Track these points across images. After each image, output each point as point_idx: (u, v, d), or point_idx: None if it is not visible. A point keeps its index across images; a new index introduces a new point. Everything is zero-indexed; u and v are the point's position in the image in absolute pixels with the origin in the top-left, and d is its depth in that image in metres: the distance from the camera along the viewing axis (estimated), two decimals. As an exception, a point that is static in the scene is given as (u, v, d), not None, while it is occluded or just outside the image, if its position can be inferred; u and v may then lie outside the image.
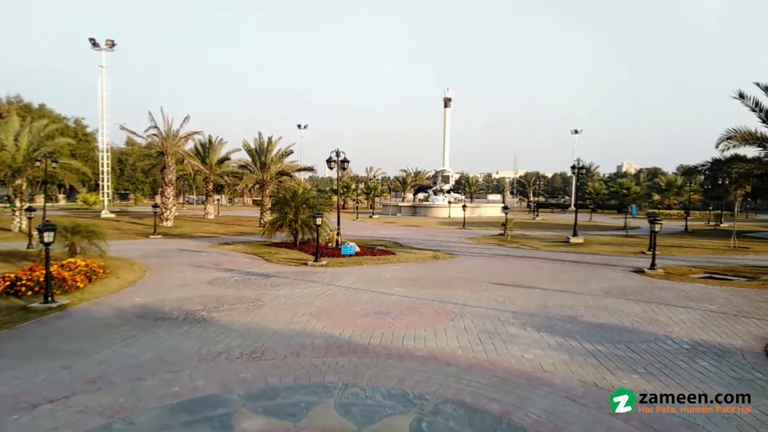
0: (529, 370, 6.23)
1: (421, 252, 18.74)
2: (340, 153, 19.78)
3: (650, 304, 10.08)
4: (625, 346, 7.25)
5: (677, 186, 62.48)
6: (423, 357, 6.73)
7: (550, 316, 9.07)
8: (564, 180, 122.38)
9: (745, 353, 7.00)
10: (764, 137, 13.40)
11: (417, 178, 76.77)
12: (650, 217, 15.68)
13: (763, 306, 10.04)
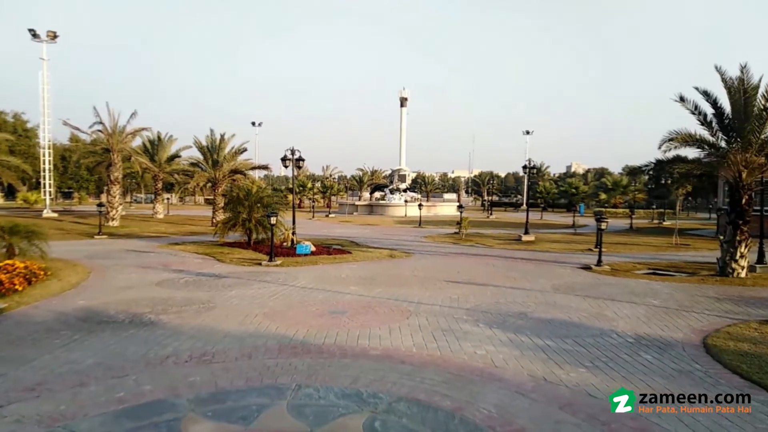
0: (481, 366, 6.33)
1: (378, 251, 18.76)
2: (295, 151, 19.56)
3: (597, 300, 10.44)
4: (573, 341, 7.48)
5: (623, 185, 65.04)
6: (378, 356, 6.73)
7: (502, 312, 9.25)
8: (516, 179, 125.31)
9: (685, 346, 7.33)
10: (703, 139, 14.06)
11: (374, 177, 76.87)
12: (597, 215, 16.22)
13: (702, 300, 10.56)
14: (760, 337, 7.74)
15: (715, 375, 6.12)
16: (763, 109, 13.10)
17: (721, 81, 13.57)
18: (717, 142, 14.07)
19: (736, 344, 7.35)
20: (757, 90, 13.15)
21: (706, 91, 13.76)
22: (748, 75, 13.18)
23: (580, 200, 61.41)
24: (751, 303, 10.29)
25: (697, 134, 13.99)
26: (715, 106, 13.75)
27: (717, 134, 14.02)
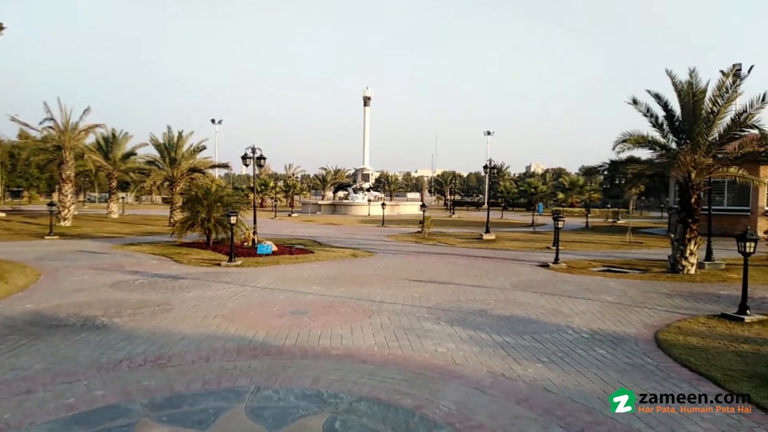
0: (442, 364, 6.38)
1: (340, 250, 18.69)
2: (256, 149, 19.27)
3: (554, 296, 10.68)
4: (530, 337, 7.63)
5: (579, 185, 66.87)
6: (339, 355, 6.70)
7: (463, 310, 9.36)
8: (478, 179, 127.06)
9: (637, 341, 7.57)
10: (654, 140, 14.58)
11: (337, 176, 76.60)
12: (554, 214, 16.64)
13: (653, 296, 10.95)
14: (708, 331, 8.08)
15: (665, 368, 6.35)
16: (711, 112, 13.70)
17: (671, 84, 14.12)
18: (668, 143, 14.62)
19: (686, 338, 7.65)
20: (705, 94, 13.73)
21: (657, 94, 14.28)
22: (696, 79, 13.76)
23: (539, 199, 62.76)
24: (699, 298, 10.73)
25: (649, 136, 14.50)
26: (666, 108, 14.28)
27: (668, 136, 14.57)
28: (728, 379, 5.88)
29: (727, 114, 13.80)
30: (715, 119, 13.70)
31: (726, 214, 25.04)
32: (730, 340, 7.59)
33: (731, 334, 7.89)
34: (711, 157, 14.14)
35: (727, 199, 26.17)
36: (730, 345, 7.32)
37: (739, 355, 6.84)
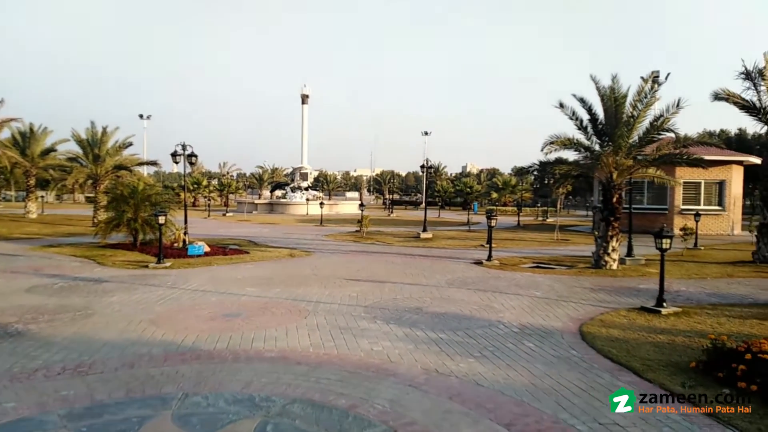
0: (377, 362, 6.39)
1: (277, 250, 18.37)
2: (186, 146, 18.58)
3: (486, 293, 10.98)
4: (464, 333, 7.79)
5: (512, 185, 69.26)
6: (273, 358, 6.56)
7: (399, 308, 9.43)
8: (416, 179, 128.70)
9: (563, 334, 7.90)
10: (579, 143, 15.32)
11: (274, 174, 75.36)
12: (487, 213, 17.12)
13: (579, 291, 11.47)
14: (628, 324, 8.56)
15: (589, 360, 6.66)
16: (631, 116, 14.54)
17: (595, 89, 14.88)
18: (592, 145, 15.40)
19: (608, 330, 8.06)
20: (626, 99, 14.57)
21: (582, 99, 15.01)
22: (618, 85, 14.57)
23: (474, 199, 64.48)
24: (621, 292, 11.35)
25: (575, 138, 15.22)
26: (590, 112, 15.03)
27: (592, 138, 15.35)
28: (646, 369, 6.24)
29: (646, 118, 14.73)
30: (635, 123, 14.57)
31: (646, 212, 26.68)
32: (648, 331, 8.07)
33: (649, 326, 8.39)
34: (631, 159, 15.01)
35: (647, 199, 27.88)
36: (649, 336, 7.79)
37: (656, 346, 7.27)
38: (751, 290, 11.73)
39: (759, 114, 16.29)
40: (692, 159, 14.99)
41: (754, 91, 16.06)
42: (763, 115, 16.26)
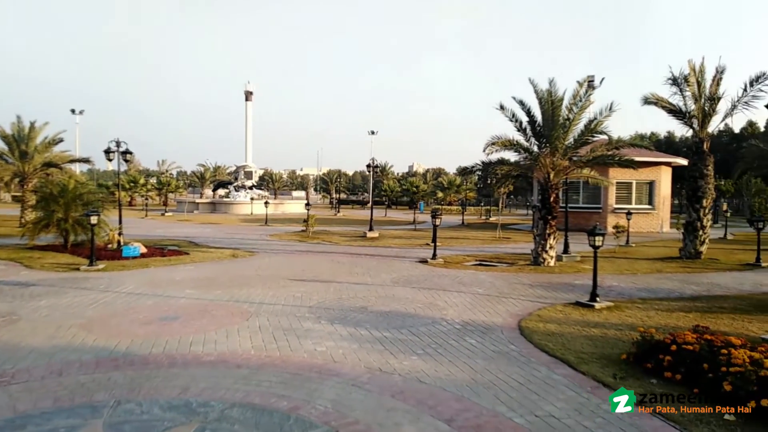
0: (320, 363, 6.34)
1: (219, 251, 17.90)
2: (120, 143, 17.78)
3: (431, 291, 11.12)
4: (408, 331, 7.85)
5: (456, 185, 70.48)
6: (212, 361, 6.38)
7: (344, 307, 9.40)
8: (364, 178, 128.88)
9: (503, 329, 8.11)
10: (519, 144, 15.79)
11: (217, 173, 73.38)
12: (432, 212, 17.34)
13: (518, 287, 11.81)
14: (564, 318, 8.89)
15: (527, 354, 6.87)
16: (567, 118, 15.10)
17: (533, 92, 15.35)
18: (530, 146, 15.89)
19: (545, 325, 8.34)
20: (562, 102, 15.11)
21: (521, 101, 15.45)
22: (555, 88, 15.09)
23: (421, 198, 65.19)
24: (557, 288, 11.77)
25: (514, 139, 15.66)
26: (529, 114, 15.50)
27: (531, 140, 15.83)
28: (580, 362, 6.50)
29: (581, 121, 15.33)
30: (571, 125, 15.15)
31: (582, 211, 27.82)
32: (582, 325, 8.41)
33: (584, 320, 8.75)
34: (567, 160, 15.61)
35: (583, 198, 29.07)
36: (583, 330, 8.12)
37: (589, 339, 7.59)
38: (678, 285, 12.45)
39: (685, 118, 17.32)
40: (623, 160, 15.75)
41: (681, 96, 17.09)
42: (688, 119, 17.30)
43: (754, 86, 15.74)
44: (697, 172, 17.44)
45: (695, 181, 17.44)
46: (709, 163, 17.40)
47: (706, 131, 17.32)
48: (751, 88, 15.82)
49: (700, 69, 16.69)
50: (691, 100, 16.93)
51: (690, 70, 16.64)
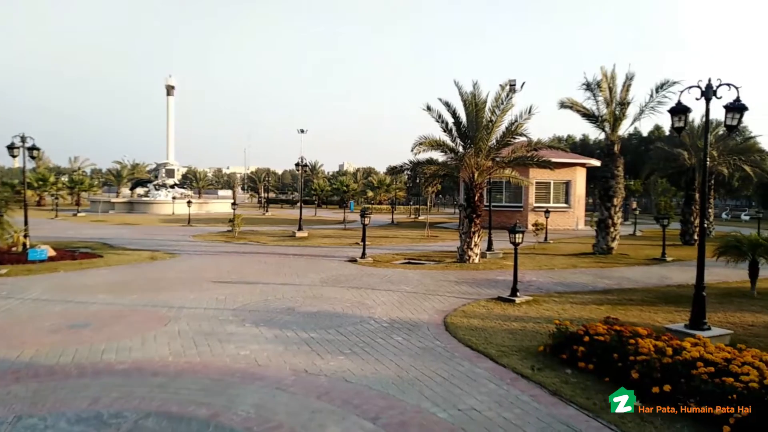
0: (243, 367, 6.15)
1: (136, 253, 16.99)
2: (26, 138, 16.46)
3: (360, 290, 11.12)
4: (335, 331, 7.80)
5: (387, 184, 71.02)
6: (125, 370, 6.03)
7: (270, 309, 9.19)
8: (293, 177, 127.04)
9: (429, 326, 8.25)
10: (445, 144, 16.16)
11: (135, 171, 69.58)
12: (361, 212, 17.36)
13: (445, 284, 12.06)
14: (486, 313, 9.17)
15: (451, 349, 7.02)
16: (489, 120, 15.61)
17: (458, 95, 15.73)
18: (456, 147, 16.29)
19: (469, 320, 8.57)
20: (485, 104, 15.60)
21: (447, 103, 15.81)
22: (478, 91, 15.56)
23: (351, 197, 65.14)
24: (482, 284, 12.14)
25: (441, 140, 16.01)
26: (454, 116, 15.88)
27: (456, 140, 16.24)
28: (501, 354, 6.73)
29: (503, 123, 15.90)
30: (494, 127, 15.68)
31: (505, 209, 28.90)
32: (504, 319, 8.72)
33: (505, 314, 9.07)
34: (491, 160, 16.14)
35: (506, 197, 30.21)
36: (504, 324, 8.41)
37: (510, 333, 7.87)
38: (591, 279, 13.19)
39: (597, 121, 18.40)
40: (542, 161, 16.51)
41: (594, 101, 18.14)
42: (600, 122, 18.40)
43: (659, 92, 17.00)
44: (608, 173, 18.59)
45: (607, 181, 18.58)
46: (620, 164, 18.59)
47: (617, 134, 18.50)
48: (656, 94, 17.06)
49: (611, 75, 17.79)
50: (603, 104, 18.02)
51: (602, 76, 17.71)
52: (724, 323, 8.43)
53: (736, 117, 7.25)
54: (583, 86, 17.91)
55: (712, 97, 7.35)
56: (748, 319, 8.88)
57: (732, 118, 7.23)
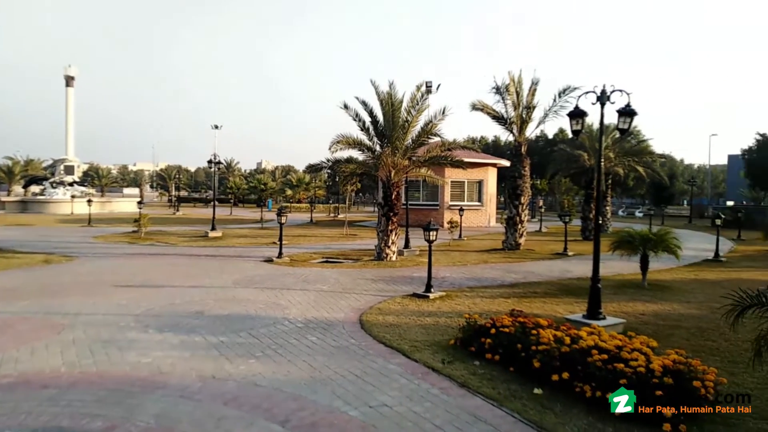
0: (145, 375, 5.80)
1: (28, 256, 15.60)
2: None
3: (275, 290, 10.88)
4: (247, 333, 7.57)
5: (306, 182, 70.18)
6: (10, 384, 5.50)
7: (177, 313, 8.75)
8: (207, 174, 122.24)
9: (345, 324, 8.22)
10: (363, 143, 16.21)
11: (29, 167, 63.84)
12: (278, 210, 17.04)
13: (362, 282, 12.09)
14: (401, 310, 9.30)
15: (365, 347, 7.03)
16: (406, 120, 15.85)
17: (375, 94, 15.83)
18: (373, 146, 16.39)
19: (384, 318, 8.63)
20: (402, 104, 15.82)
21: (364, 102, 15.87)
22: (394, 91, 15.74)
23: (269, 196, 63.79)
24: (398, 281, 12.29)
25: (359, 138, 16.04)
26: (371, 115, 15.97)
27: (374, 139, 16.33)
28: (414, 350, 6.83)
29: (419, 123, 16.21)
30: (410, 126, 15.94)
31: (422, 208, 29.51)
32: (418, 315, 8.87)
33: (419, 310, 9.24)
34: (407, 159, 16.40)
35: (423, 196, 30.85)
36: (418, 319, 8.56)
37: (423, 328, 8.03)
38: (500, 273, 13.77)
39: (506, 123, 19.23)
40: (455, 161, 17.02)
41: (503, 104, 18.93)
42: (509, 125, 19.23)
43: (561, 97, 18.02)
44: (516, 173, 19.51)
45: (515, 180, 19.50)
46: (527, 164, 19.57)
47: (524, 136, 19.45)
48: (559, 99, 18.08)
49: (518, 80, 18.65)
50: (511, 107, 18.85)
51: (510, 81, 18.52)
52: (618, 313, 9.09)
53: (627, 121, 7.84)
54: (493, 89, 18.65)
55: (606, 102, 7.90)
56: (639, 308, 9.64)
57: (624, 122, 7.81)
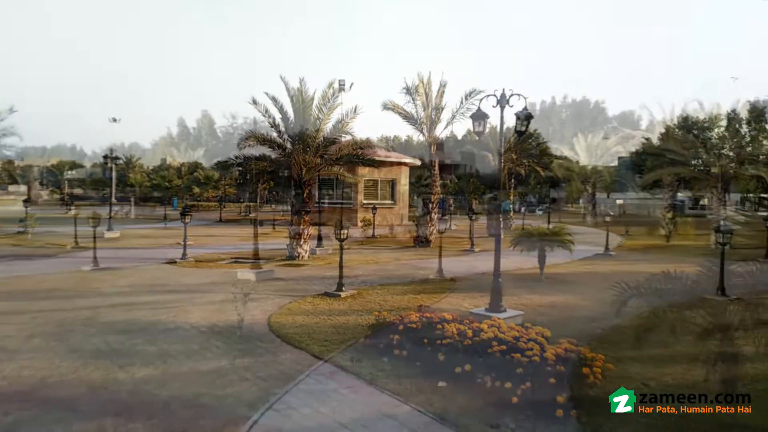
0: (27, 389, 5.29)
1: None
2: None
3: (176, 293, 10.37)
4: (143, 340, 7.13)
5: (215, 180, 67.63)
6: None
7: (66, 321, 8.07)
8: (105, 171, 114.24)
9: (253, 327, 7.95)
10: (273, 140, 15.87)
11: None
12: (183, 209, 16.29)
13: (272, 283, 11.83)
14: (312, 309, 9.19)
15: (273, 349, 6.88)
16: (317, 118, 15.72)
17: (285, 90, 15.57)
18: (284, 143, 16.10)
19: (294, 318, 8.50)
20: (313, 101, 15.67)
21: (274, 98, 15.56)
22: (305, 88, 15.58)
23: (175, 194, 60.82)
24: (310, 280, 12.15)
25: (269, 135, 15.68)
26: (281, 111, 15.69)
27: (284, 137, 16.04)
28: (323, 350, 6.77)
29: (331, 121, 16.15)
30: (321, 124, 15.83)
31: (336, 206, 29.39)
32: (329, 314, 8.81)
33: (330, 309, 9.18)
34: (319, 157, 16.26)
35: (337, 194, 30.74)
36: (329, 318, 8.50)
37: (334, 327, 7.98)
38: (411, 270, 14.03)
39: (416, 123, 19.66)
40: (367, 159, 17.14)
41: (413, 105, 19.34)
42: (419, 125, 19.68)
43: (468, 99, 18.72)
44: (427, 172, 20.00)
45: (426, 179, 19.97)
46: (436, 164, 20.13)
47: (434, 136, 19.98)
48: (466, 101, 18.78)
49: (428, 81, 19.14)
50: (421, 108, 19.30)
51: (419, 82, 18.95)
52: (518, 305, 9.56)
53: (525, 123, 8.26)
54: (404, 90, 18.99)
55: (506, 105, 8.28)
56: (536, 300, 10.21)
57: (521, 124, 8.22)
